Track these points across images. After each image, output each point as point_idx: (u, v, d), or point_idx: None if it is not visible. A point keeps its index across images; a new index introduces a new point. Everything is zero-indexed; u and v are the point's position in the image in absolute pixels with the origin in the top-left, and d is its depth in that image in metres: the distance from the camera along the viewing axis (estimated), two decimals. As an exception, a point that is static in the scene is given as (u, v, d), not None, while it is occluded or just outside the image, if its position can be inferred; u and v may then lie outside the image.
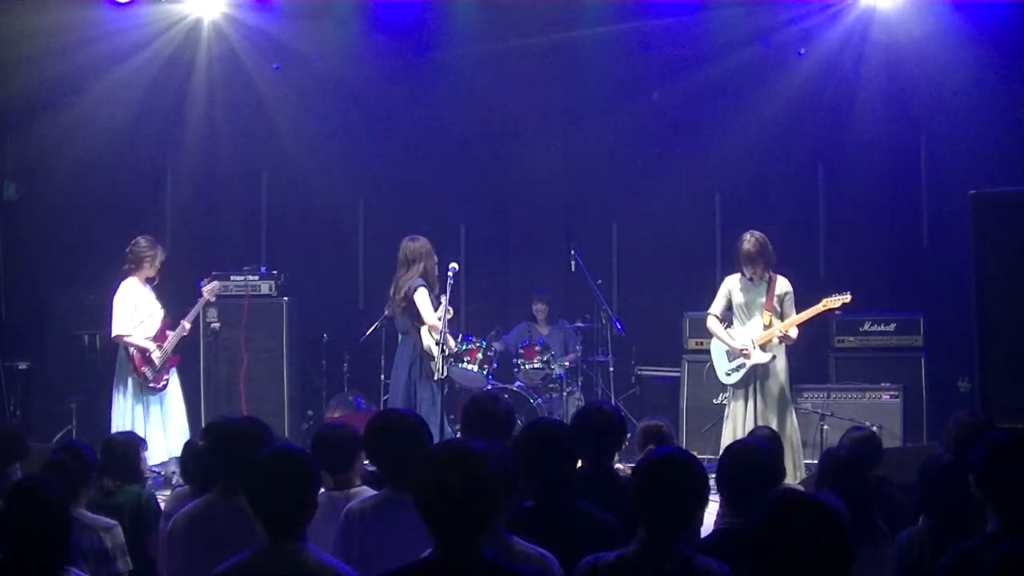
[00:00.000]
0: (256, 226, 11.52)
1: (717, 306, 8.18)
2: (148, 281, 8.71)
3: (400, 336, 8.40)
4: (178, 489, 5.39)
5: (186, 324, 8.90)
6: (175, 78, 10.85)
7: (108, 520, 4.78)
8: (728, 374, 8.09)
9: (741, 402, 7.96)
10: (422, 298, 7.94)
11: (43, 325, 10.71)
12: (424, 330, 8.03)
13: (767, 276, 7.97)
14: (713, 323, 8.19)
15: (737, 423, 7.91)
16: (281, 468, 3.38)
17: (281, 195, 11.52)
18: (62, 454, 5.07)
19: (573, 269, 10.07)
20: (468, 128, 11.32)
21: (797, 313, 7.93)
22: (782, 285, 7.97)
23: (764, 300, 7.93)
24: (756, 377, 7.89)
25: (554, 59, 11.11)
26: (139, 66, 10.67)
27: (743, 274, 8.03)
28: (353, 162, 11.42)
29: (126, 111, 10.73)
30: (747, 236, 7.98)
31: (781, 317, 7.92)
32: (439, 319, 7.89)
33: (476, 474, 2.97)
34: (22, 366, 10.31)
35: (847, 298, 7.90)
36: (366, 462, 4.74)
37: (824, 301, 7.93)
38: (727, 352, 8.10)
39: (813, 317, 7.96)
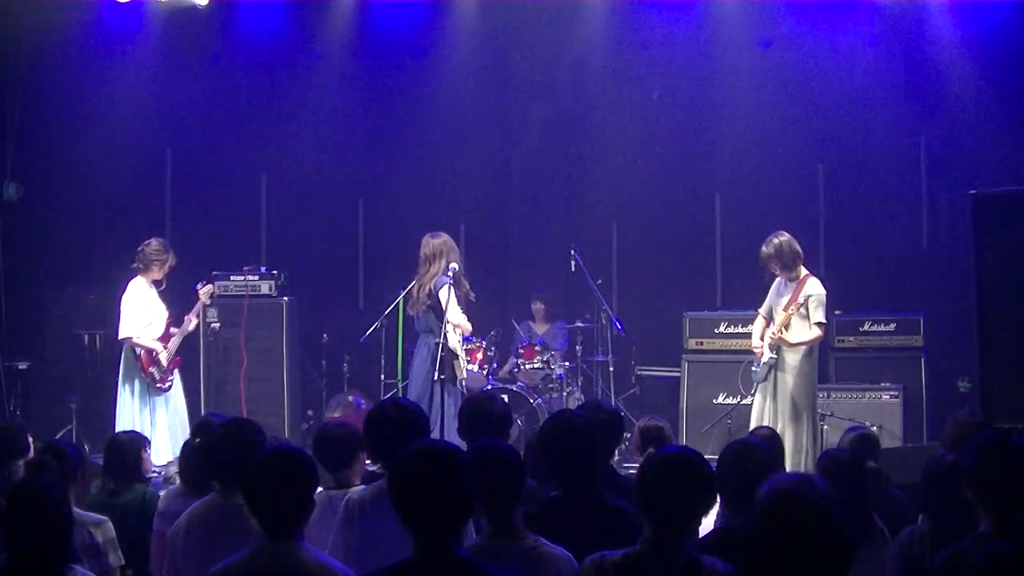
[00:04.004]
0: (256, 226, 11.52)
1: (764, 305, 8.19)
2: (155, 284, 8.71)
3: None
4: (172, 487, 5.40)
5: (188, 325, 8.93)
6: (175, 78, 10.87)
7: (98, 515, 4.78)
8: (755, 371, 8.09)
9: (760, 398, 7.99)
10: (447, 295, 7.96)
11: (43, 325, 10.70)
12: (448, 329, 8.04)
13: (798, 277, 7.92)
14: (756, 321, 8.22)
15: (753, 419, 7.94)
16: (278, 467, 3.38)
17: (281, 195, 11.52)
18: (46, 455, 5.08)
19: (573, 269, 10.07)
20: (468, 128, 11.32)
21: (822, 316, 7.86)
22: (808, 287, 7.87)
23: (787, 300, 7.89)
24: (774, 376, 7.89)
25: (554, 59, 11.11)
26: (139, 66, 10.70)
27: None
28: (353, 162, 11.43)
29: (126, 111, 10.74)
30: (768, 238, 7.99)
31: (808, 319, 7.87)
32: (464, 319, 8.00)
33: (445, 474, 3.02)
34: (22, 366, 10.30)
35: (800, 300, 7.83)
36: (368, 462, 4.74)
37: (788, 309, 7.87)
38: None
39: (785, 323, 7.87)
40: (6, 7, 10.17)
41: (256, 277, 10.07)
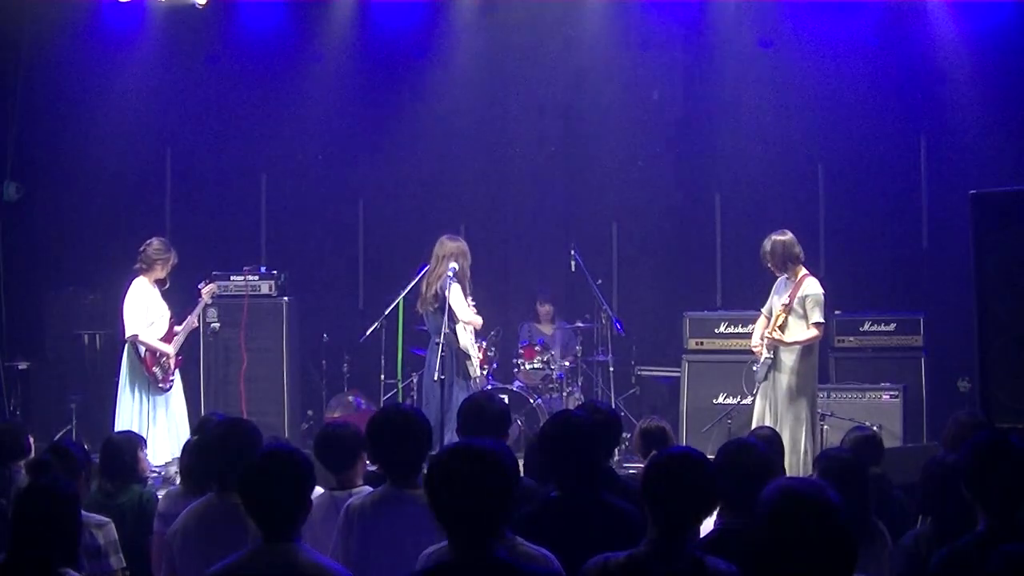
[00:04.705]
0: (256, 226, 11.52)
1: (766, 305, 8.15)
2: (158, 283, 8.70)
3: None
4: (172, 488, 5.40)
5: (194, 320, 8.94)
6: (175, 78, 10.87)
7: (101, 517, 4.77)
8: (755, 370, 8.06)
9: (761, 398, 7.94)
10: (456, 295, 7.99)
11: (43, 325, 10.70)
12: (459, 328, 8.06)
13: (796, 276, 7.89)
14: (758, 320, 8.18)
15: (754, 419, 7.92)
16: (275, 468, 3.37)
17: (281, 195, 11.52)
18: (50, 454, 5.07)
19: (573, 269, 10.06)
20: (468, 128, 11.31)
21: (820, 316, 7.82)
22: (805, 287, 7.81)
23: (786, 300, 7.86)
24: (772, 376, 7.86)
25: (554, 59, 11.11)
26: (139, 66, 10.70)
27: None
28: (353, 162, 11.42)
29: (126, 111, 10.75)
30: (770, 234, 7.97)
31: (806, 318, 7.83)
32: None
33: (489, 473, 3.00)
34: (22, 366, 10.31)
35: (795, 300, 7.80)
36: (368, 462, 4.74)
37: (777, 313, 7.85)
38: None
39: (780, 323, 7.84)
40: (6, 7, 10.17)
41: (256, 277, 10.08)
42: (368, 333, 9.65)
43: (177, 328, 8.77)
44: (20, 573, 3.56)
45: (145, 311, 8.55)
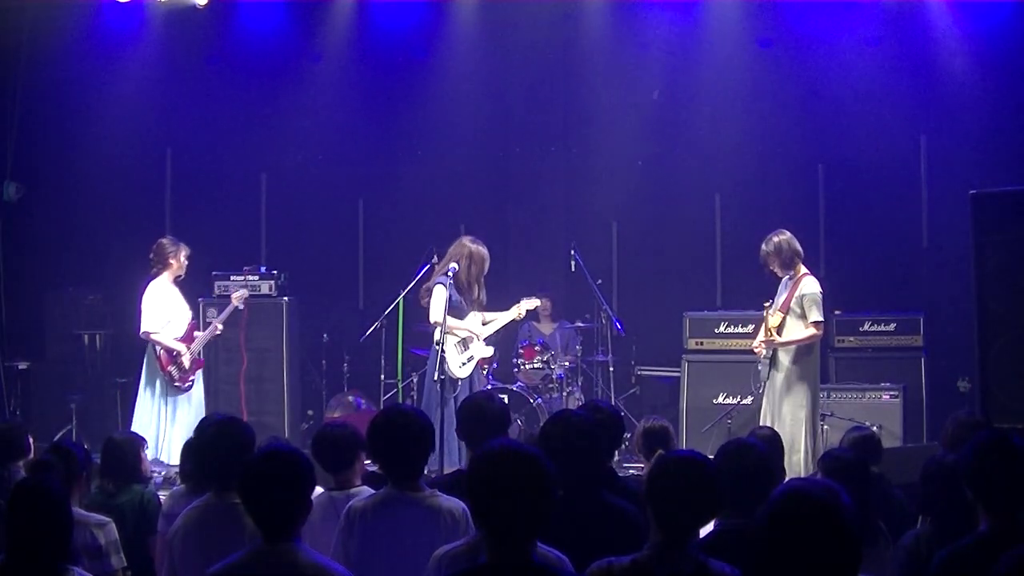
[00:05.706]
0: (256, 226, 11.52)
1: (772, 305, 8.11)
2: (177, 281, 8.69)
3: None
4: (175, 488, 5.39)
5: (218, 325, 8.94)
6: (175, 78, 10.87)
7: (101, 517, 4.77)
8: (760, 370, 8.02)
9: (763, 398, 7.92)
10: (435, 294, 8.02)
11: (43, 325, 10.71)
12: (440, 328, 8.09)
13: (796, 276, 7.86)
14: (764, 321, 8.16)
15: (760, 419, 7.88)
16: (275, 468, 3.37)
17: (281, 195, 11.53)
18: (51, 454, 5.07)
19: (573, 269, 10.06)
20: (468, 128, 11.31)
21: (818, 315, 7.75)
22: (803, 286, 7.76)
23: (783, 299, 7.84)
24: (772, 375, 7.84)
25: (554, 59, 11.11)
26: (139, 66, 10.70)
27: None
28: (353, 162, 11.43)
29: (126, 111, 10.75)
30: (768, 236, 7.93)
31: (804, 318, 7.81)
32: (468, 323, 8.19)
33: (534, 476, 3.00)
34: (22, 366, 10.32)
35: (793, 301, 7.78)
36: (367, 462, 4.74)
37: (782, 309, 7.82)
38: None
39: (778, 323, 7.80)
40: (6, 7, 10.17)
41: (256, 277, 10.08)
42: (368, 333, 9.65)
43: (198, 333, 8.77)
44: (21, 573, 3.56)
45: (161, 310, 8.55)
